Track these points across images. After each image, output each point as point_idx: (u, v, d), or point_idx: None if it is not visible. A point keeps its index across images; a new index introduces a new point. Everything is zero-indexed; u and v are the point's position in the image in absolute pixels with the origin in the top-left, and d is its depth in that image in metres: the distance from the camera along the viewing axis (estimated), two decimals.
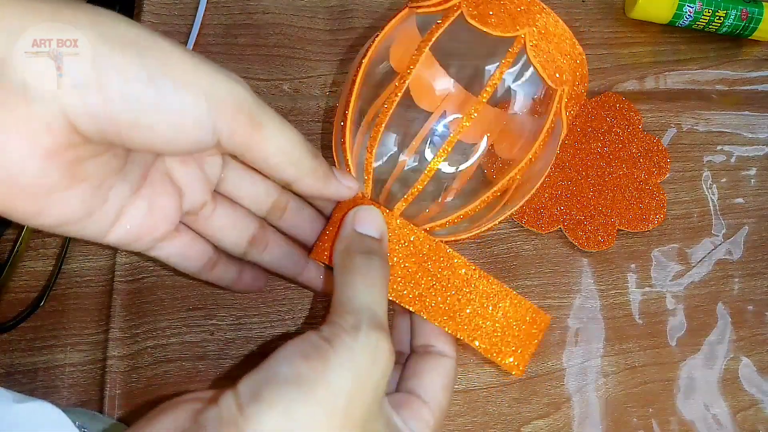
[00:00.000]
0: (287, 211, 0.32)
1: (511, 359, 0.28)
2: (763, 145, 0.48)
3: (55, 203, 0.22)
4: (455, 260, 0.27)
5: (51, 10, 0.20)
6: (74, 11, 0.20)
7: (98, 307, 0.36)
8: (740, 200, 0.46)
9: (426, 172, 0.28)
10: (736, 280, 0.43)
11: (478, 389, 0.38)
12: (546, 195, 0.42)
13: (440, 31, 0.28)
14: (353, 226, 0.27)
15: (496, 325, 0.27)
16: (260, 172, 0.29)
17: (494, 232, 0.41)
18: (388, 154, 0.33)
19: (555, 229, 0.42)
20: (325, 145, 0.42)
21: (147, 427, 0.21)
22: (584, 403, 0.38)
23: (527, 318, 0.28)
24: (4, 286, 0.35)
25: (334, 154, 0.31)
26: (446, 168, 0.33)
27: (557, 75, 0.28)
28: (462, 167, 0.33)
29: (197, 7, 0.43)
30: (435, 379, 0.27)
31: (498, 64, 0.28)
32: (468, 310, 0.27)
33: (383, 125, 0.28)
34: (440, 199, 0.33)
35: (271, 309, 0.37)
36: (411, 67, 0.28)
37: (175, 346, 0.35)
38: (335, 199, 0.29)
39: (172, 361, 0.35)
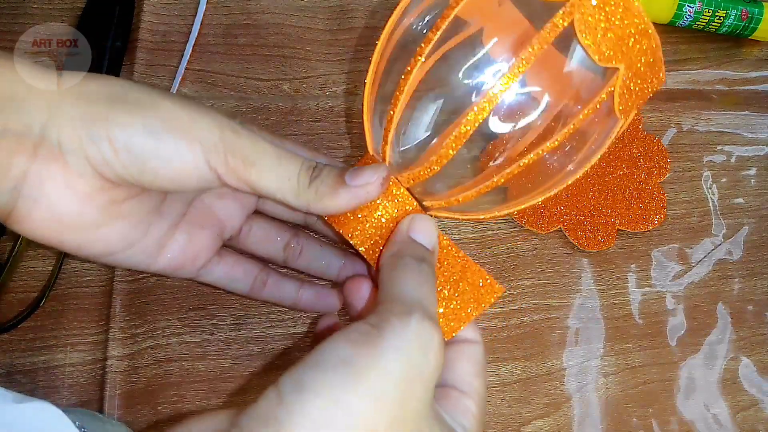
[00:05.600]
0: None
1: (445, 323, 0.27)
2: (763, 145, 0.48)
3: (97, 237, 0.26)
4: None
5: (78, 84, 0.24)
6: (96, 83, 0.25)
7: (98, 307, 0.36)
8: (740, 200, 0.46)
9: (473, 115, 0.24)
10: (736, 280, 0.43)
11: None
12: None
13: None
14: (408, 232, 0.26)
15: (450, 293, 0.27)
16: None
17: (494, 232, 0.41)
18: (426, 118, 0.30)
19: (555, 229, 0.42)
20: (324, 145, 0.42)
21: (183, 429, 0.21)
22: (584, 403, 0.38)
23: (479, 283, 0.28)
24: (4, 286, 0.35)
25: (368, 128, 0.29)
26: (498, 126, 0.28)
27: (607, 53, 0.24)
28: (520, 124, 0.28)
29: (197, 7, 0.43)
30: (466, 367, 0.26)
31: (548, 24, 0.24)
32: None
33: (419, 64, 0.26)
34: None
35: (271, 309, 0.37)
36: None
37: (175, 346, 0.35)
38: (356, 206, 0.27)
39: (172, 361, 0.35)
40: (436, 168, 0.27)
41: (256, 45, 0.43)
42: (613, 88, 0.25)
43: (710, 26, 0.49)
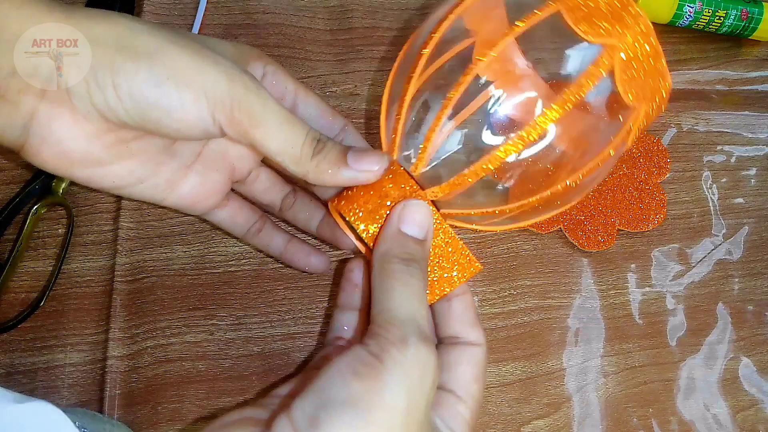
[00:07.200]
0: None
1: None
2: (763, 145, 0.48)
3: (106, 173, 0.27)
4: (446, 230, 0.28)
5: (78, 19, 0.25)
6: (104, 25, 0.25)
7: (98, 307, 0.36)
8: (740, 200, 0.46)
9: (487, 159, 0.26)
10: (736, 280, 0.43)
11: None
12: None
13: (535, 21, 0.26)
14: (398, 225, 0.26)
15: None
16: None
17: (494, 232, 0.41)
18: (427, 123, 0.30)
19: (555, 229, 0.42)
20: None
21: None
22: (584, 403, 0.38)
23: (461, 260, 0.28)
24: (4, 286, 0.35)
25: (382, 123, 0.29)
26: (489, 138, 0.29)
27: (636, 93, 0.27)
28: (524, 156, 0.28)
29: (197, 7, 0.43)
30: (466, 371, 0.26)
31: (586, 70, 0.25)
32: None
33: (450, 106, 0.27)
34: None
35: (271, 309, 0.37)
36: (492, 50, 0.26)
37: (175, 346, 0.35)
38: (354, 184, 0.28)
39: (172, 361, 0.35)
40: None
41: (256, 45, 0.43)
42: (630, 126, 0.28)
43: (710, 26, 0.49)
